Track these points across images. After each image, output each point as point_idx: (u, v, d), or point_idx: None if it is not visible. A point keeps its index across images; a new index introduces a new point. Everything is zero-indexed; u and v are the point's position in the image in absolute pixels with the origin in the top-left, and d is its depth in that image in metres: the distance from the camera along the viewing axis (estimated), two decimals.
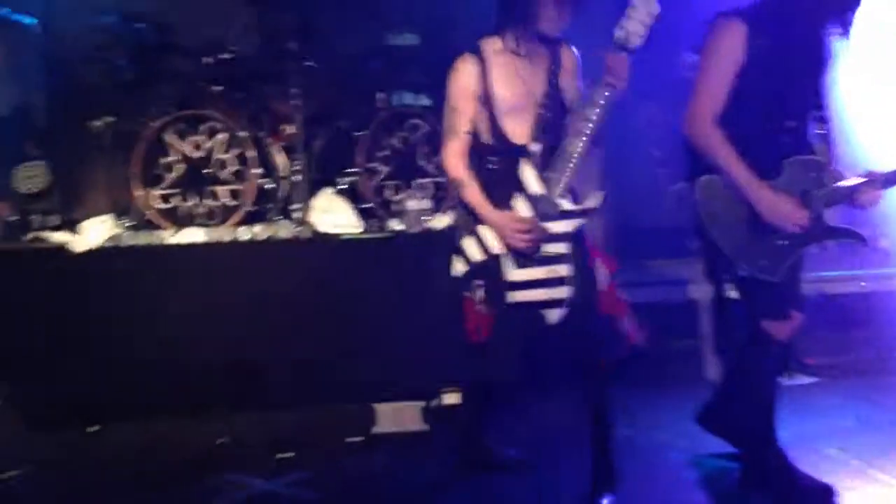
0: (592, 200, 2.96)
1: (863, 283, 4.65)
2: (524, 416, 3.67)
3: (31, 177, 4.45)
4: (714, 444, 3.29)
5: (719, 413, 3.23)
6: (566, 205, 2.91)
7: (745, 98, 2.90)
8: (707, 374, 4.26)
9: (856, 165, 3.07)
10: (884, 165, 3.01)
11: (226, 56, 4.72)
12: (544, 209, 2.88)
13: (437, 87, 4.98)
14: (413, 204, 4.35)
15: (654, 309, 4.67)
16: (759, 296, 2.99)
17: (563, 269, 2.90)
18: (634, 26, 2.71)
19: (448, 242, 4.15)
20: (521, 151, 2.94)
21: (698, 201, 2.97)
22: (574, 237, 2.94)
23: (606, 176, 5.75)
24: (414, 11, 5.26)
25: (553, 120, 2.93)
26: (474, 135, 3.00)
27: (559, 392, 3.38)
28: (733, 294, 3.16)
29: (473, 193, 2.96)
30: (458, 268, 3.00)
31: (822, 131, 2.99)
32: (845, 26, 2.86)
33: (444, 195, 4.63)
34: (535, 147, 2.94)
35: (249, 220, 4.45)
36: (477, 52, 3.00)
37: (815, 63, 2.95)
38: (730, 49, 2.87)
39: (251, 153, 4.49)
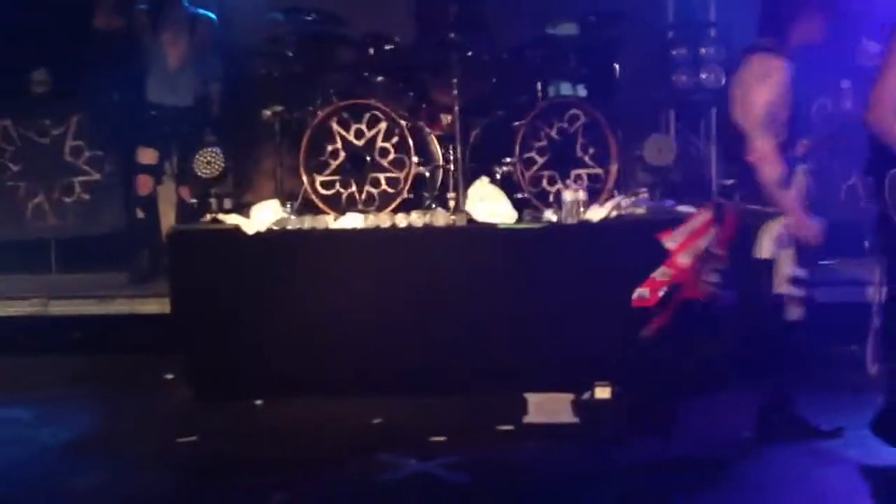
0: None
1: None
2: None
3: (209, 162, 4.73)
4: (888, 454, 3.12)
5: (893, 421, 3.04)
6: None
7: None
8: (870, 370, 4.00)
9: None
10: None
11: (388, 47, 4.83)
12: None
13: (595, 78, 5.01)
14: (569, 195, 4.31)
15: (824, 310, 4.47)
16: None
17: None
18: None
19: (605, 235, 4.15)
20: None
21: (889, 195, 2.81)
22: None
23: None
24: (574, 2, 5.21)
25: None
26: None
27: None
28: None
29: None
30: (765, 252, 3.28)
31: None
32: None
33: (599, 187, 4.57)
34: None
35: (406, 206, 4.54)
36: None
37: None
38: None
39: (410, 142, 4.58)
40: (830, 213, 5.12)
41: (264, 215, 4.27)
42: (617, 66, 5.06)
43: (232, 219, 4.26)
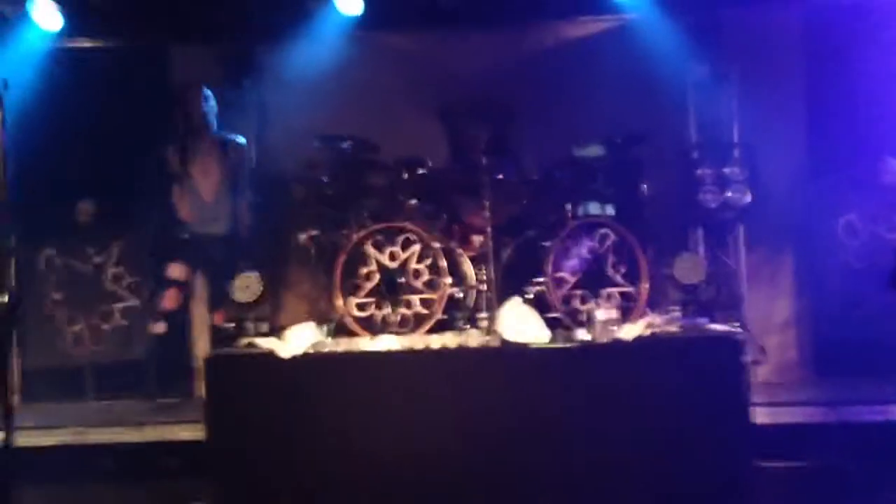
0: None
1: None
2: None
3: (246, 287, 4.82)
4: None
5: None
6: None
7: None
8: None
9: None
10: None
11: (421, 171, 4.98)
12: None
13: (623, 198, 5.12)
14: (601, 314, 4.33)
15: (858, 429, 4.40)
16: None
17: None
18: None
19: (639, 353, 4.14)
20: None
21: None
22: None
23: (801, 286, 5.60)
24: (599, 124, 5.39)
25: None
26: None
27: None
28: None
29: None
30: None
31: None
32: None
33: (631, 305, 4.59)
34: None
35: (440, 328, 4.57)
36: None
37: None
38: None
39: (442, 263, 4.65)
40: (860, 330, 5.18)
41: (300, 339, 4.31)
42: (644, 186, 5.17)
43: (268, 342, 4.31)
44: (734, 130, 5.63)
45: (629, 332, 4.29)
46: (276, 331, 4.61)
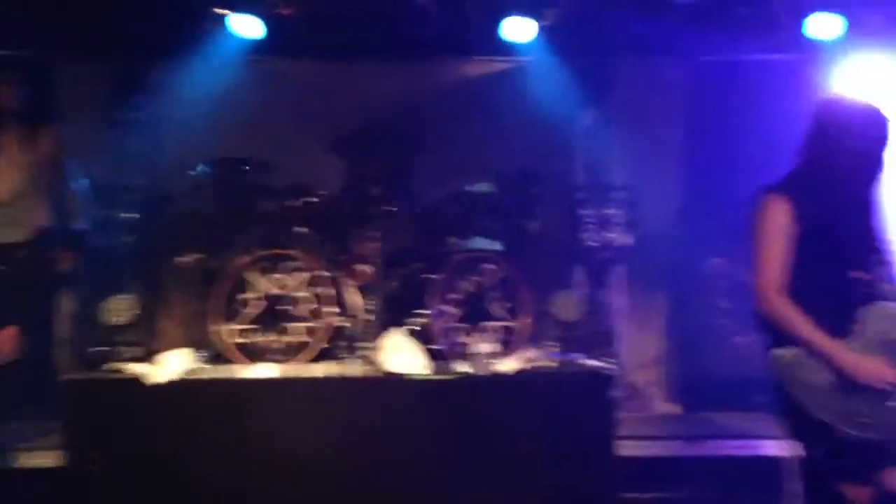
0: None
1: None
2: None
3: (117, 310, 4.68)
4: None
5: None
6: None
7: (808, 260, 2.97)
8: None
9: None
10: None
11: (312, 199, 4.99)
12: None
13: (510, 234, 5.26)
14: (482, 347, 4.43)
15: (721, 463, 4.62)
16: (843, 457, 2.93)
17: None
18: None
19: (517, 386, 4.24)
20: None
21: (781, 372, 2.98)
22: None
23: (670, 325, 5.86)
24: (492, 162, 5.53)
25: None
26: None
27: None
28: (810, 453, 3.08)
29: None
30: None
31: (887, 274, 3.01)
32: (877, 171, 2.97)
33: (512, 339, 4.70)
34: None
35: (321, 357, 4.56)
36: None
37: (863, 212, 3.03)
38: (776, 222, 2.98)
39: (329, 292, 4.66)
40: (724, 368, 5.46)
41: (173, 364, 4.23)
42: (530, 224, 5.32)
43: (135, 368, 4.18)
44: (616, 173, 5.86)
45: (508, 365, 4.39)
46: (149, 355, 4.50)
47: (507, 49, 5.80)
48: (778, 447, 4.29)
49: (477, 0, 5.54)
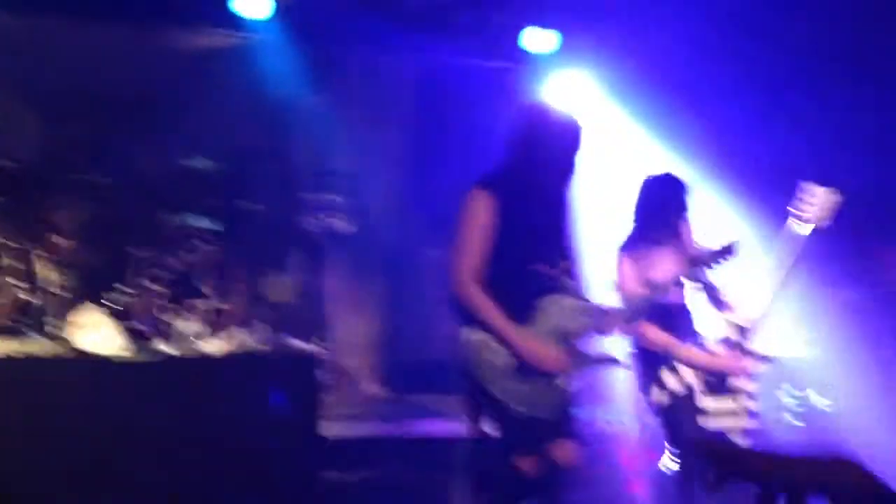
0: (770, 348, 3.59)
1: None
2: None
3: None
4: None
5: None
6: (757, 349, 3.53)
7: (502, 251, 3.18)
8: None
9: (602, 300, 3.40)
10: (617, 302, 3.40)
11: (7, 164, 4.54)
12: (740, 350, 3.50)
13: (226, 213, 5.12)
14: (187, 327, 4.28)
15: (421, 442, 4.83)
16: (515, 432, 3.15)
17: (751, 403, 3.50)
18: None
19: (224, 369, 4.14)
20: None
21: (466, 352, 3.15)
22: None
23: (384, 311, 6.03)
24: (213, 138, 5.35)
25: None
26: None
27: None
28: (490, 430, 3.29)
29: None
30: (661, 398, 3.51)
31: (570, 270, 3.27)
32: (570, 174, 3.25)
33: (220, 320, 4.59)
34: None
35: (5, 333, 4.17)
36: None
37: (556, 211, 3.30)
38: (477, 214, 3.17)
39: (14, 264, 4.27)
40: (430, 352, 5.73)
41: None
42: (248, 204, 5.22)
43: None
44: (341, 160, 5.91)
45: (215, 346, 4.29)
46: None
47: (239, 24, 5.63)
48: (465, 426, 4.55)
49: None
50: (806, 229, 3.48)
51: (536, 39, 5.81)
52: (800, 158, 3.73)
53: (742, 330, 3.55)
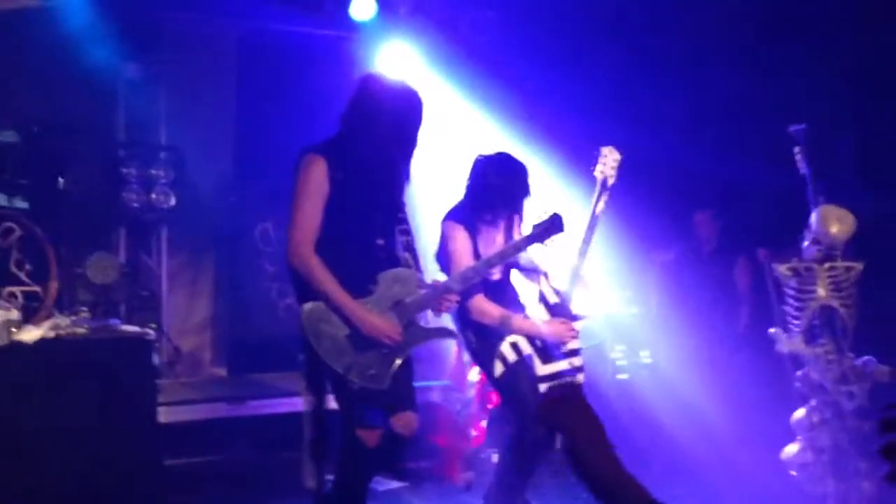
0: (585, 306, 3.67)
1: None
2: None
3: None
4: None
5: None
6: (576, 311, 3.65)
7: (337, 222, 3.12)
8: (306, 484, 4.33)
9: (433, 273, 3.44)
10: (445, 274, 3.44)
11: None
12: (563, 314, 3.60)
13: (37, 190, 4.75)
14: (3, 315, 3.95)
15: (264, 421, 4.75)
16: (356, 405, 3.13)
17: (578, 360, 3.60)
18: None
19: (41, 356, 3.85)
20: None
21: (304, 324, 3.09)
22: None
23: (219, 289, 5.85)
24: (16, 109, 4.94)
25: None
26: None
27: None
28: (332, 404, 3.28)
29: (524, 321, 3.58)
30: (499, 369, 3.54)
31: (407, 243, 3.25)
32: (410, 148, 3.22)
33: (36, 305, 4.28)
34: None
35: None
36: None
37: (391, 183, 3.25)
38: (313, 181, 3.09)
39: None
40: (271, 331, 5.63)
41: None
42: (61, 180, 4.87)
43: None
44: (162, 133, 5.64)
45: (30, 334, 4.00)
46: None
47: None
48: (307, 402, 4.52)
49: None
50: (602, 186, 3.62)
51: (361, 7, 5.74)
52: (614, 133, 3.89)
53: (559, 293, 3.68)
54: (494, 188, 3.61)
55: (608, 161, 3.65)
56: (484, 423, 3.96)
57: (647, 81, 5.76)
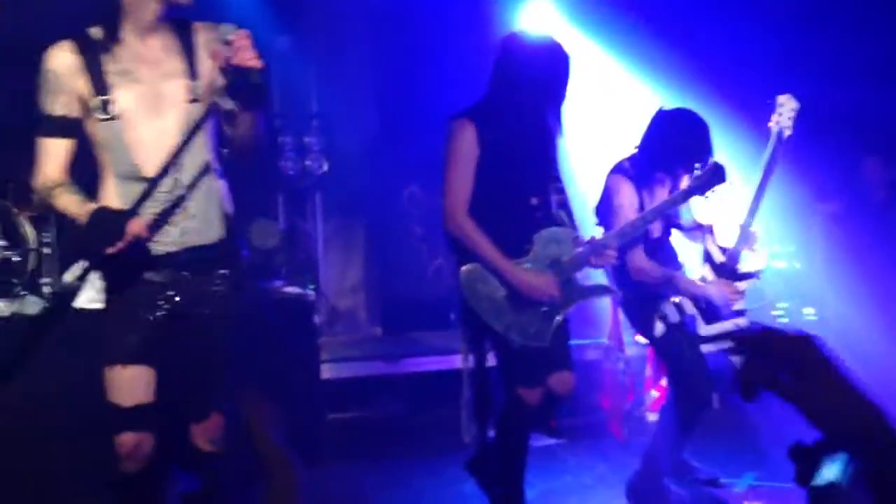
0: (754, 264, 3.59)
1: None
2: None
3: None
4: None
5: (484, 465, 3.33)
6: (744, 269, 3.55)
7: (491, 184, 3.13)
8: (465, 439, 4.41)
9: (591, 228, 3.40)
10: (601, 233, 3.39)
11: None
12: (730, 274, 3.51)
13: None
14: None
15: (419, 378, 4.87)
16: (517, 364, 3.16)
17: (743, 321, 3.50)
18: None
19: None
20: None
21: (463, 286, 3.13)
22: None
23: (371, 252, 6.01)
24: None
25: None
26: None
27: None
28: (492, 363, 3.31)
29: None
30: (660, 329, 3.51)
31: (561, 201, 3.24)
32: (559, 104, 3.18)
33: None
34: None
35: None
36: None
37: (543, 142, 3.23)
38: (464, 147, 3.11)
39: None
40: (421, 291, 5.73)
41: None
42: (225, 151, 5.10)
43: None
44: (313, 101, 5.81)
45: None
46: None
47: None
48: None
49: None
50: (778, 139, 3.46)
51: None
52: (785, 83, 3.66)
53: (726, 251, 3.56)
54: (674, 144, 3.50)
55: (784, 111, 3.46)
56: (664, 383, 3.87)
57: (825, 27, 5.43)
